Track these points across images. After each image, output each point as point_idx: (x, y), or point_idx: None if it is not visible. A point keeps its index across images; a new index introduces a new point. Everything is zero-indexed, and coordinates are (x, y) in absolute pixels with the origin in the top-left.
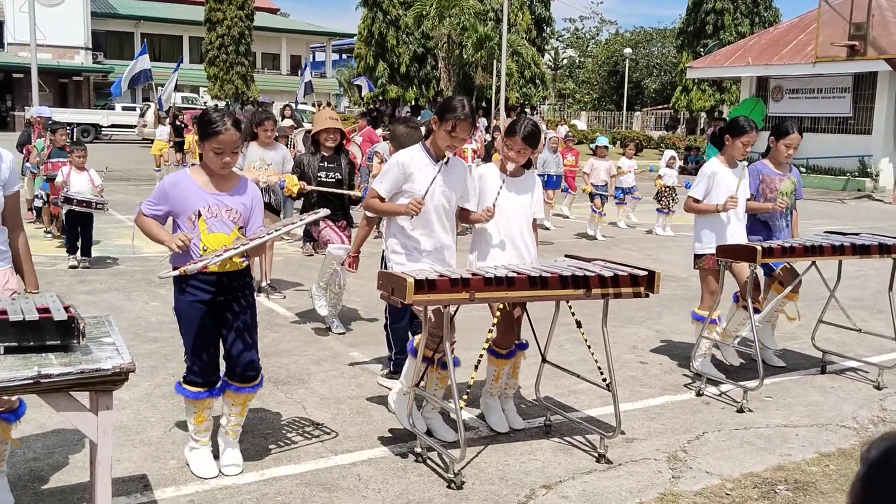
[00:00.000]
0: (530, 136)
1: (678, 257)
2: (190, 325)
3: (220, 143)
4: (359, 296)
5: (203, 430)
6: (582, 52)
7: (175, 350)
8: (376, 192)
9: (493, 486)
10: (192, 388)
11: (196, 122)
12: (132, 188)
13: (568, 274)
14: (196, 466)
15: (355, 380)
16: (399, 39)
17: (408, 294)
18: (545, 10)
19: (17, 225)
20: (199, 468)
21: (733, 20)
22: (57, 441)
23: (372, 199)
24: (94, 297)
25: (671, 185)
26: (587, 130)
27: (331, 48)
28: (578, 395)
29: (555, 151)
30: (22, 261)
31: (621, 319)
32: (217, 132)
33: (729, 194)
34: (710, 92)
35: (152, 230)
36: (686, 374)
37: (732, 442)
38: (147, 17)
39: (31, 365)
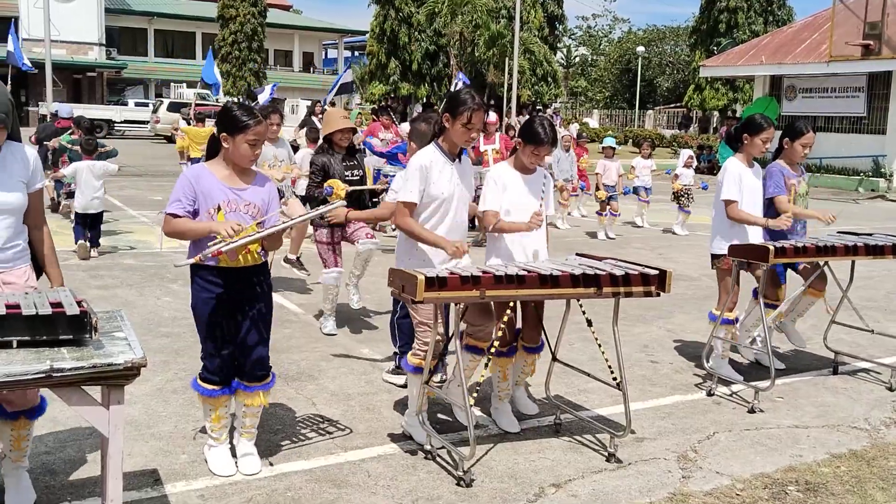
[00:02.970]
0: (555, 139)
1: (690, 257)
2: (206, 321)
3: (256, 135)
4: (369, 292)
5: (220, 427)
6: (594, 50)
7: (187, 345)
8: (405, 203)
9: (502, 483)
10: (207, 386)
11: (220, 119)
12: (143, 183)
13: (579, 272)
14: (214, 465)
15: (365, 376)
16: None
17: (418, 291)
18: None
19: (41, 223)
20: (217, 466)
21: (747, 19)
22: (69, 435)
23: (408, 220)
24: (107, 291)
25: (688, 185)
26: (599, 129)
27: (343, 45)
28: (588, 393)
29: (568, 150)
30: (47, 259)
31: (632, 318)
32: (249, 125)
33: (753, 195)
34: (724, 91)
35: (192, 226)
36: (697, 374)
37: (743, 442)
38: (160, 14)
39: (44, 359)
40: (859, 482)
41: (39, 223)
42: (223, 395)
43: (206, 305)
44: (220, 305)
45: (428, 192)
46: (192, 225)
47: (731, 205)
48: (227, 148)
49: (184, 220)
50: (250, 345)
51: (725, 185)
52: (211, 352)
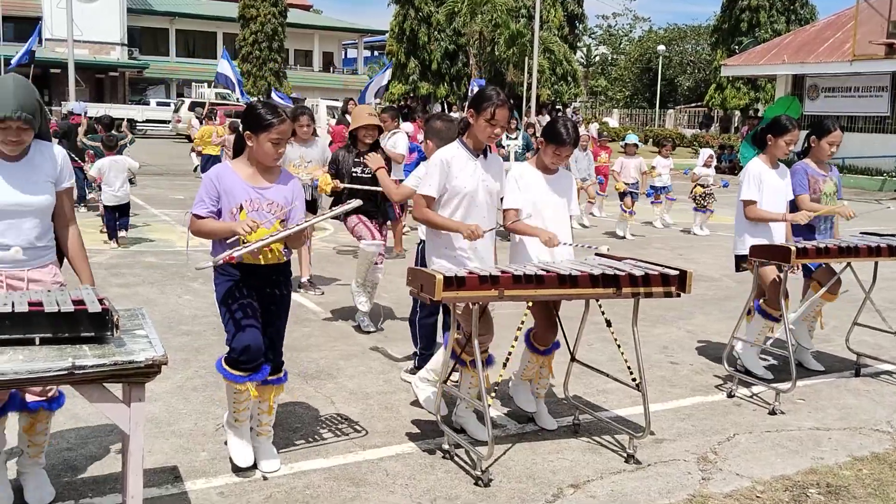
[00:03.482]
0: (578, 139)
1: (711, 257)
2: (232, 305)
3: (279, 133)
4: (388, 292)
5: (244, 409)
6: (614, 49)
7: (208, 343)
8: (425, 196)
9: (520, 484)
10: (232, 371)
11: (245, 117)
12: (165, 182)
13: (598, 272)
14: (234, 452)
15: (384, 375)
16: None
17: (437, 290)
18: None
19: (69, 221)
20: (236, 455)
21: (769, 17)
22: (90, 432)
23: (425, 210)
24: (128, 290)
25: (709, 185)
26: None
27: (363, 45)
28: (607, 394)
29: (585, 150)
30: (76, 257)
31: (652, 319)
32: (272, 123)
33: (776, 196)
34: (745, 90)
35: (215, 226)
36: (717, 375)
37: (764, 444)
38: (182, 14)
39: (66, 356)
40: (881, 485)
41: (68, 221)
42: (248, 381)
43: (231, 291)
44: (245, 289)
45: (450, 186)
46: (215, 226)
47: (750, 205)
48: (252, 146)
49: (208, 221)
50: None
51: (745, 186)
52: (236, 335)
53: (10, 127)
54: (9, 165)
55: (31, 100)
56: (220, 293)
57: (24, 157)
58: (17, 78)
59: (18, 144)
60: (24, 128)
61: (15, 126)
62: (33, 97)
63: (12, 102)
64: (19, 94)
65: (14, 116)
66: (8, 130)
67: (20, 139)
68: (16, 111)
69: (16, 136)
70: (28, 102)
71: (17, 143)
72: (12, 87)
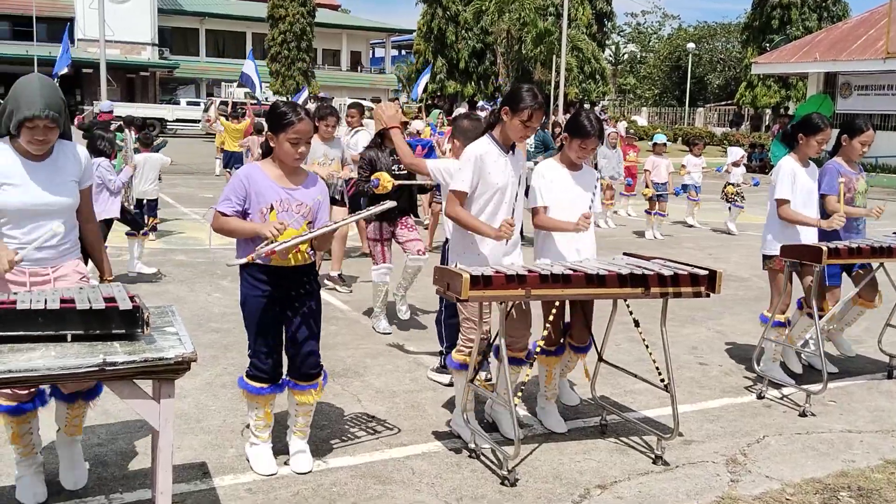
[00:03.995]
0: (602, 131)
1: (741, 256)
2: (255, 318)
3: (296, 133)
4: (415, 290)
5: (264, 426)
6: (643, 47)
7: (235, 341)
8: (459, 192)
9: (546, 484)
10: (254, 384)
11: (267, 116)
12: (195, 181)
13: (626, 272)
14: (256, 463)
15: (410, 374)
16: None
17: (463, 289)
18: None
19: (91, 217)
20: (259, 465)
21: (800, 15)
22: (121, 428)
23: (458, 208)
24: (158, 287)
25: (738, 183)
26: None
27: (390, 44)
28: (635, 395)
29: (614, 147)
30: (95, 251)
31: (680, 319)
32: (292, 122)
33: (808, 196)
34: (776, 88)
35: (238, 226)
36: (747, 377)
37: (794, 446)
38: (211, 14)
39: (97, 353)
40: None
41: (90, 217)
42: (270, 393)
43: (255, 303)
44: (270, 303)
45: (484, 181)
46: (238, 225)
47: (784, 205)
48: (275, 147)
49: (231, 220)
50: (300, 343)
51: (779, 185)
52: (259, 349)
53: (38, 126)
54: (34, 165)
55: (56, 99)
56: (245, 302)
57: (49, 157)
58: (42, 77)
59: (44, 144)
60: (51, 126)
61: (42, 125)
62: (58, 96)
63: (39, 101)
64: (45, 93)
65: (42, 115)
66: (35, 129)
67: (46, 138)
68: (43, 110)
69: (42, 135)
70: (54, 101)
71: (43, 143)
72: (38, 86)
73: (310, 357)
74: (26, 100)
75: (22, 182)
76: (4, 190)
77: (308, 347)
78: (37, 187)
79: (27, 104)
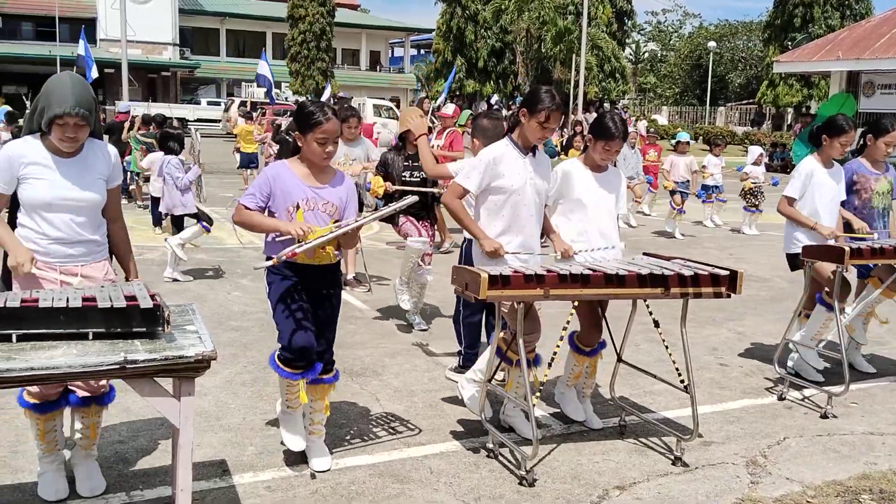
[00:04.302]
0: (626, 134)
1: (762, 257)
2: (286, 306)
3: (324, 133)
4: (434, 290)
5: (296, 397)
6: (664, 45)
7: (256, 339)
8: (462, 187)
9: (565, 484)
10: (285, 368)
11: (295, 116)
12: (215, 180)
13: (646, 272)
14: (287, 436)
15: (429, 373)
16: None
17: (482, 289)
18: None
19: (118, 216)
20: (289, 439)
21: (823, 13)
22: (141, 425)
23: (455, 200)
24: (179, 286)
25: (758, 183)
26: (668, 125)
27: (409, 44)
28: (654, 395)
29: (633, 147)
30: (122, 251)
31: (701, 320)
32: (319, 122)
33: (827, 196)
34: (798, 87)
35: (262, 221)
36: (768, 378)
37: (815, 448)
38: (232, 14)
39: (118, 351)
40: None
41: (117, 216)
42: (300, 379)
43: (281, 289)
44: (296, 287)
45: (496, 184)
46: (260, 220)
47: (784, 200)
48: (302, 146)
49: (254, 214)
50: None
51: (791, 182)
52: (288, 333)
53: (68, 123)
54: (63, 162)
55: (87, 96)
56: (274, 292)
57: (79, 154)
58: (73, 76)
59: (74, 141)
60: (81, 124)
61: (72, 122)
62: (89, 94)
63: (70, 99)
64: (76, 91)
65: (73, 112)
66: (65, 127)
67: (76, 136)
68: (74, 107)
69: (73, 132)
70: (84, 99)
71: (73, 140)
72: (69, 84)
73: (324, 353)
74: (57, 97)
75: (50, 177)
76: (31, 183)
77: (323, 344)
78: (64, 183)
79: (58, 102)
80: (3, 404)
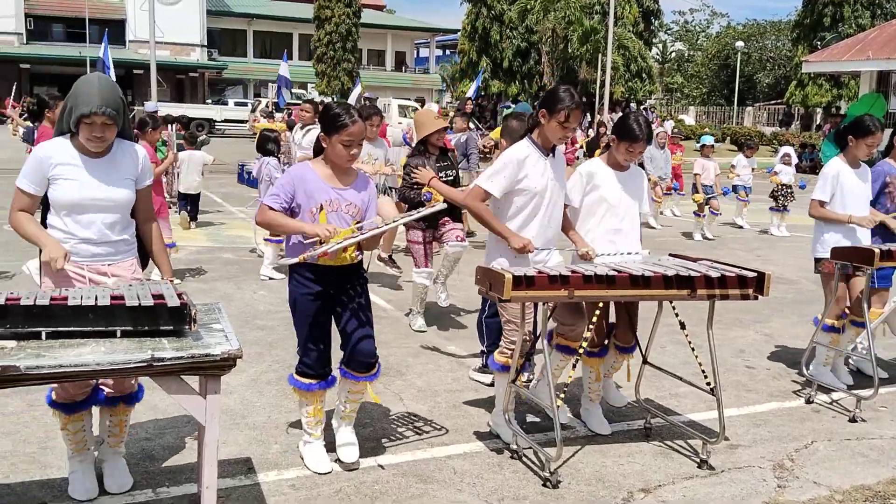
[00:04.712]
0: (651, 135)
1: (790, 258)
2: (304, 316)
3: (349, 135)
4: (457, 290)
5: (315, 423)
6: (691, 45)
7: (281, 338)
8: (485, 190)
9: (589, 486)
10: (304, 380)
11: (321, 117)
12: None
13: (672, 273)
14: (311, 461)
15: (452, 373)
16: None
17: (506, 290)
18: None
19: (149, 217)
20: (313, 462)
21: (853, 12)
22: (168, 423)
23: (479, 204)
24: (205, 285)
25: (787, 184)
26: (695, 126)
27: (434, 44)
28: (680, 398)
29: (662, 147)
30: (156, 251)
31: (727, 322)
32: (346, 124)
33: (854, 197)
34: (827, 87)
35: (286, 222)
36: (795, 381)
37: (843, 452)
38: (259, 15)
39: (146, 349)
40: None
41: (148, 217)
42: (319, 389)
43: (304, 301)
44: (318, 301)
45: (521, 185)
46: (284, 221)
47: (815, 203)
48: (326, 147)
49: (278, 215)
50: (352, 334)
51: (818, 185)
52: (308, 346)
53: (95, 123)
54: (92, 161)
55: (114, 97)
56: (293, 300)
57: (107, 155)
58: (101, 76)
59: (102, 141)
60: (108, 123)
61: (99, 122)
62: (117, 95)
63: (97, 98)
64: (104, 91)
65: (99, 111)
66: (93, 126)
67: (104, 135)
68: (100, 107)
69: (100, 131)
70: (112, 99)
71: (100, 140)
72: (97, 84)
73: (363, 342)
74: (84, 97)
75: (79, 177)
76: (60, 184)
77: (364, 339)
78: (92, 182)
79: (85, 101)
80: (33, 401)
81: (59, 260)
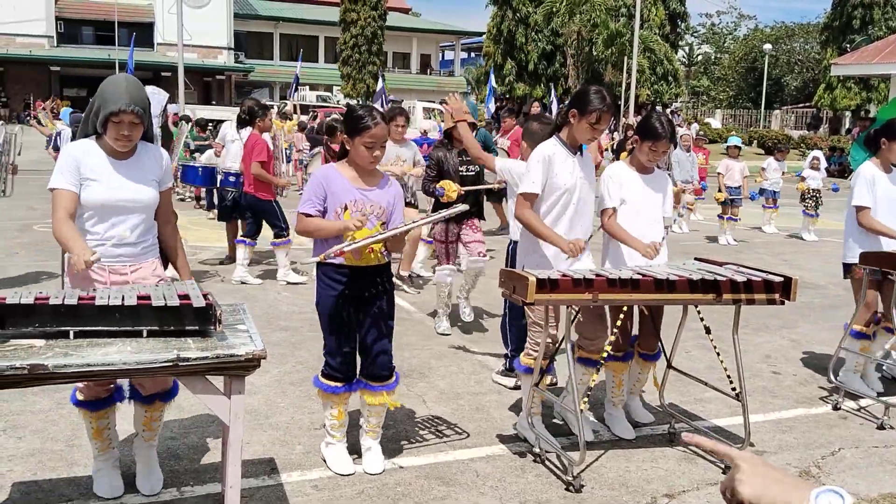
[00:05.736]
0: (674, 134)
1: (817, 263)
2: (331, 319)
3: (372, 137)
4: (481, 293)
5: (339, 426)
6: (718, 48)
7: (304, 339)
8: (530, 193)
9: (612, 491)
10: (329, 382)
11: (344, 119)
12: None
13: (697, 278)
14: (333, 462)
15: (475, 376)
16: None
17: (529, 293)
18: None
19: (171, 219)
20: (335, 464)
21: (883, 14)
22: (192, 422)
23: (528, 212)
24: (230, 285)
25: (816, 188)
26: (722, 129)
27: (460, 47)
28: (705, 403)
29: (688, 150)
30: (175, 253)
31: (754, 327)
32: (368, 127)
33: (889, 203)
34: (857, 90)
35: (324, 224)
36: (822, 387)
37: (871, 460)
38: (286, 18)
39: (171, 348)
40: None
41: (169, 219)
42: (344, 392)
43: (330, 302)
44: (344, 303)
45: (551, 182)
46: (324, 223)
47: (863, 211)
48: (350, 150)
49: (316, 219)
50: (372, 344)
51: (857, 191)
52: (334, 348)
53: (123, 121)
54: (117, 163)
55: (141, 96)
56: (320, 301)
57: (132, 156)
58: (128, 76)
59: (129, 140)
60: (136, 122)
61: (127, 120)
62: (143, 94)
63: (125, 97)
64: (131, 90)
65: (127, 109)
66: (120, 125)
67: (131, 135)
68: (129, 105)
69: (127, 130)
70: (139, 98)
71: (127, 140)
72: (125, 83)
73: (380, 356)
74: (112, 95)
75: (105, 178)
76: (88, 185)
77: (379, 348)
78: (119, 184)
79: (113, 99)
80: (60, 399)
81: (80, 262)
